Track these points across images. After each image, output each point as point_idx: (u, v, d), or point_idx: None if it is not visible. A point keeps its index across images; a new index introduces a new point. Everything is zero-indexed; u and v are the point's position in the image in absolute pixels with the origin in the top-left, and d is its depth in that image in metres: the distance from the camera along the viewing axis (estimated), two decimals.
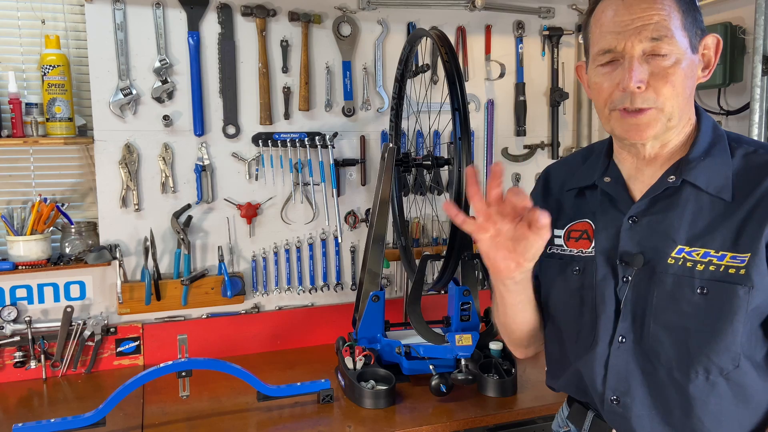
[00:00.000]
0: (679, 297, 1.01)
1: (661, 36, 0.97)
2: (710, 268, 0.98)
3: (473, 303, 2.00)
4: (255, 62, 2.22)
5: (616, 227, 1.09)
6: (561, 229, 1.18)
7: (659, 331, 1.03)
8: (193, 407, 1.81)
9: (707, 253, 0.99)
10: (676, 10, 0.99)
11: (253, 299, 2.33)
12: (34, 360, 2.02)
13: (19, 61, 2.06)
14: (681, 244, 1.02)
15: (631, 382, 1.07)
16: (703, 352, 1.00)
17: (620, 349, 1.07)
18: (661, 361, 1.04)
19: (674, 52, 0.98)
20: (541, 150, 2.66)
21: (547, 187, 1.26)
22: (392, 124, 2.29)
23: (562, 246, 1.17)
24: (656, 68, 0.98)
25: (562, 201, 1.20)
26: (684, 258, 1.01)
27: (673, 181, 1.04)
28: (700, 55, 1.03)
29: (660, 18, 0.97)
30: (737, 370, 0.99)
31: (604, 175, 1.13)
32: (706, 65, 1.05)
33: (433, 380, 1.79)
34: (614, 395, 1.09)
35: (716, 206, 1.01)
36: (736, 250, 0.97)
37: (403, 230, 2.32)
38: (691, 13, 1.01)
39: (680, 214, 1.03)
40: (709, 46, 1.04)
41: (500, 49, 2.55)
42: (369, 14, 2.34)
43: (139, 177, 2.14)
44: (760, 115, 1.87)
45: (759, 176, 0.99)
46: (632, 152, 1.10)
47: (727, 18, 2.05)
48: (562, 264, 1.16)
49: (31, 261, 1.98)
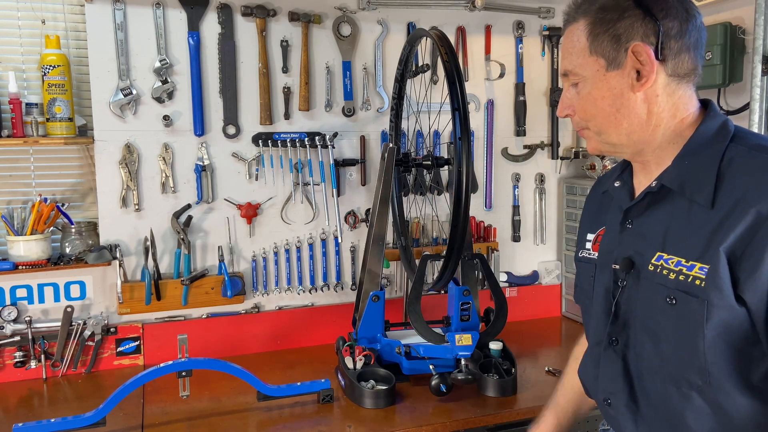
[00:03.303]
0: (654, 305, 1.00)
1: (566, 71, 1.07)
2: (680, 277, 0.95)
3: (473, 303, 2.00)
4: (255, 62, 2.22)
5: (616, 231, 1.11)
6: (593, 233, 1.21)
7: (643, 336, 1.04)
8: (193, 407, 1.81)
9: (679, 262, 0.96)
10: (585, 37, 1.02)
11: (253, 299, 2.33)
12: (35, 360, 2.02)
13: (20, 61, 2.06)
14: (659, 251, 1.00)
15: (619, 385, 1.08)
16: (672, 363, 0.98)
17: (610, 350, 1.09)
18: (645, 366, 1.04)
19: (583, 80, 1.04)
20: (541, 150, 2.66)
21: (593, 190, 1.31)
22: (392, 124, 2.29)
23: (589, 250, 1.21)
24: (575, 96, 1.07)
25: (601, 204, 1.23)
26: (662, 265, 0.99)
27: (654, 185, 1.03)
28: (633, 64, 0.99)
29: (567, 53, 1.06)
30: (710, 387, 0.94)
31: (617, 179, 1.15)
32: (645, 71, 0.99)
33: (433, 380, 1.79)
34: (605, 396, 1.12)
35: (695, 212, 0.96)
36: (703, 261, 0.92)
37: (403, 230, 2.32)
38: (608, 32, 0.99)
39: (662, 219, 1.02)
40: (639, 52, 0.98)
41: (500, 49, 2.55)
42: (369, 14, 2.35)
43: (139, 177, 2.14)
44: (760, 115, 1.87)
45: (740, 183, 0.92)
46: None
47: (727, 18, 2.05)
48: (587, 267, 1.20)
49: (32, 261, 1.98)
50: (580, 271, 1.25)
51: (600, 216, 1.21)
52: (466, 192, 1.76)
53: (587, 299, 1.19)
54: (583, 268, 1.22)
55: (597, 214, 1.23)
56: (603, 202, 1.21)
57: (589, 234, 1.22)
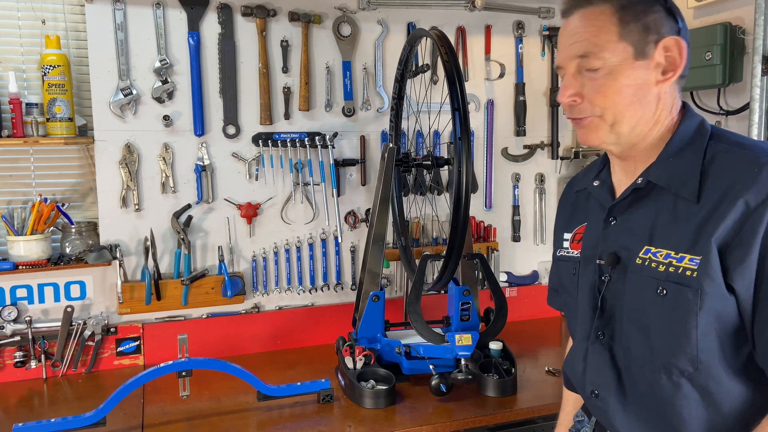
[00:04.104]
0: (644, 297, 1.04)
1: (587, 52, 1.03)
2: (670, 269, 0.99)
3: (473, 303, 2.00)
4: (255, 62, 2.22)
5: (599, 228, 1.14)
6: (570, 232, 1.24)
7: (630, 328, 1.07)
8: (193, 407, 1.81)
9: (668, 254, 1.00)
10: (613, 23, 1.01)
11: (253, 299, 2.33)
12: (35, 360, 2.02)
13: (20, 61, 2.06)
14: (647, 245, 1.04)
15: (607, 377, 1.11)
16: (662, 352, 1.02)
17: (597, 344, 1.12)
18: (633, 358, 1.07)
19: (606, 65, 1.02)
20: (541, 150, 2.66)
21: (567, 191, 1.33)
22: (392, 124, 2.29)
23: (567, 249, 1.24)
24: (589, 81, 1.04)
25: (576, 203, 1.26)
26: (650, 258, 1.03)
27: (640, 182, 1.06)
28: (658, 58, 1.02)
29: (588, 35, 1.02)
30: (699, 374, 0.99)
31: (596, 179, 1.19)
32: (670, 67, 1.03)
33: (433, 380, 1.79)
34: (592, 388, 1.15)
35: (681, 207, 1.01)
36: (693, 252, 0.97)
37: (403, 230, 2.32)
38: (638, 21, 1.01)
39: (648, 214, 1.05)
40: (670, 47, 1.02)
41: (500, 49, 2.55)
42: (369, 14, 2.35)
43: (139, 177, 2.14)
44: (760, 115, 1.88)
45: (723, 177, 0.98)
46: (610, 154, 1.15)
47: (727, 18, 2.05)
48: (567, 266, 1.23)
49: (32, 261, 1.98)
50: (559, 270, 1.28)
51: (575, 215, 1.24)
52: (466, 192, 1.76)
53: (569, 297, 1.22)
54: (563, 266, 1.25)
55: (572, 213, 1.26)
56: (578, 202, 1.25)
57: (565, 233, 1.25)
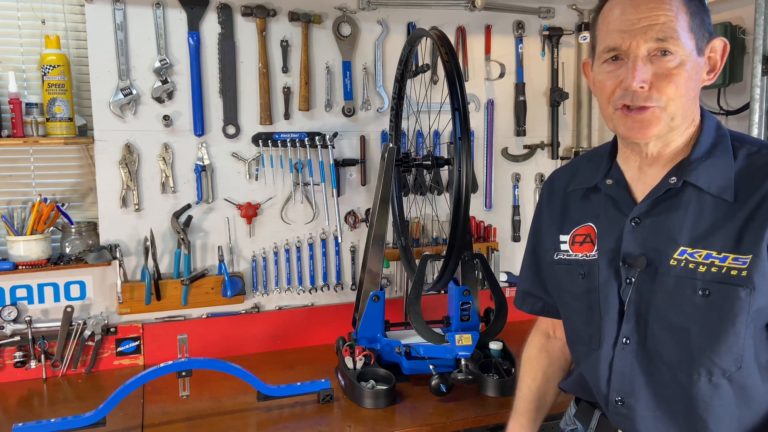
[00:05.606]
0: (681, 298, 1.01)
1: (666, 37, 0.97)
2: (712, 269, 0.98)
3: (473, 303, 2.00)
4: (255, 62, 2.22)
5: (618, 229, 1.10)
6: (566, 234, 1.19)
7: (662, 332, 1.04)
8: (193, 407, 1.81)
9: (709, 255, 0.99)
10: (684, 12, 0.99)
11: (253, 299, 2.33)
12: (35, 360, 2.02)
13: (19, 61, 2.06)
14: (683, 246, 1.01)
15: (635, 384, 1.08)
16: (705, 353, 1.00)
17: (624, 350, 1.08)
18: (665, 362, 1.04)
19: (679, 54, 0.98)
20: (541, 150, 2.66)
21: (552, 191, 1.27)
22: (392, 124, 2.29)
23: (567, 251, 1.19)
24: (660, 68, 0.99)
25: (568, 204, 1.21)
26: (686, 259, 1.01)
27: (674, 182, 1.04)
28: (706, 58, 1.03)
29: (667, 19, 0.98)
30: (740, 372, 0.99)
31: (607, 177, 1.14)
32: (711, 68, 1.05)
33: (433, 380, 1.79)
34: (618, 396, 1.10)
35: (719, 207, 1.00)
36: (738, 252, 0.96)
37: (403, 230, 2.32)
38: (699, 16, 1.01)
39: (682, 215, 1.03)
40: (716, 49, 1.04)
41: (500, 49, 2.55)
42: (369, 14, 2.35)
43: (139, 177, 2.14)
44: (760, 115, 1.87)
45: (762, 176, 0.98)
46: (636, 151, 1.10)
47: (727, 18, 2.05)
48: (569, 269, 1.18)
49: (32, 261, 1.98)
50: (556, 273, 1.21)
51: (570, 216, 1.20)
52: (466, 192, 1.76)
53: (573, 301, 1.17)
54: (562, 270, 1.19)
55: (564, 214, 1.21)
56: (569, 201, 1.21)
57: (561, 235, 1.20)
